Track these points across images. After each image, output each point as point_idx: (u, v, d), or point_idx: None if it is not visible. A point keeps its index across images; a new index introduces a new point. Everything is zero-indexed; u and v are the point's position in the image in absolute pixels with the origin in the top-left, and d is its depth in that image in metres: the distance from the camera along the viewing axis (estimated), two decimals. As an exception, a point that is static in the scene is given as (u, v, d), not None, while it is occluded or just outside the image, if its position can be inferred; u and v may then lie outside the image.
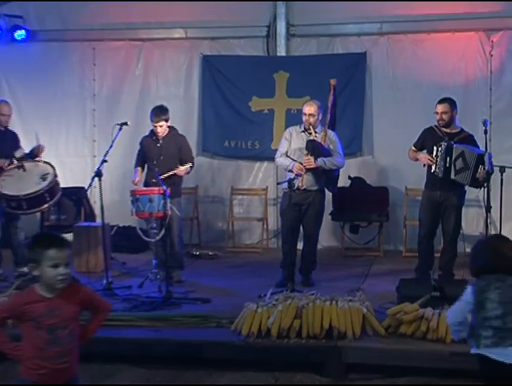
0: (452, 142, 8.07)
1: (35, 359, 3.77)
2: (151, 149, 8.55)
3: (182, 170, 8.41)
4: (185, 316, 6.83)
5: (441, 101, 8.25)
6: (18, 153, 8.79)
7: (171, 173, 8.27)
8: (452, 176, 8.04)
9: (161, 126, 8.42)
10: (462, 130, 8.31)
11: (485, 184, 7.80)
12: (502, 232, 9.83)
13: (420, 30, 10.74)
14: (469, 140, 8.23)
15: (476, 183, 8.10)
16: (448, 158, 8.01)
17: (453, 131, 8.26)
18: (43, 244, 3.77)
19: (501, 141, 10.24)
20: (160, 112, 8.47)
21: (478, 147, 8.19)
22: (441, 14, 10.54)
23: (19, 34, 11.24)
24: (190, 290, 7.99)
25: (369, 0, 10.62)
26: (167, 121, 8.49)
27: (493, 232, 9.65)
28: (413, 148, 8.50)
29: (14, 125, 9.65)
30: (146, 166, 8.68)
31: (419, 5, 10.55)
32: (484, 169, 7.94)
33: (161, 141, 8.49)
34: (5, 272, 8.91)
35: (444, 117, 8.18)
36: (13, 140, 9.08)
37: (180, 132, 8.84)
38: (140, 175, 8.65)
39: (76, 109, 11.77)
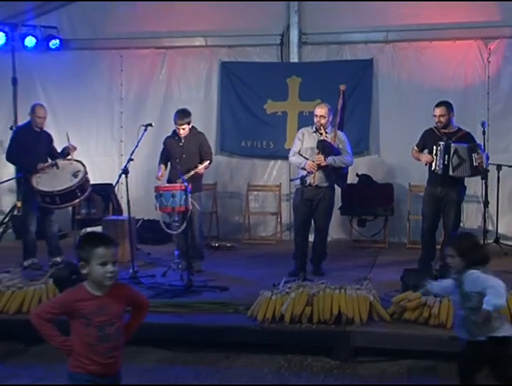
0: (450, 141, 8.05)
1: (86, 354, 3.68)
2: (174, 148, 8.54)
3: (201, 168, 8.41)
4: (205, 303, 6.85)
5: (438, 105, 8.22)
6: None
7: (192, 173, 8.27)
8: (451, 173, 8.01)
9: (184, 129, 8.43)
10: (459, 129, 8.28)
11: (484, 175, 7.71)
12: (499, 226, 9.90)
13: (423, 39, 10.71)
14: (466, 138, 8.20)
15: (476, 171, 8.07)
16: (446, 156, 7.99)
17: (451, 131, 8.22)
18: (92, 243, 3.69)
19: (497, 141, 10.23)
20: (184, 115, 8.46)
21: (476, 143, 8.14)
22: (442, 23, 10.50)
23: (54, 43, 11.29)
24: (209, 279, 8.00)
25: None
26: (189, 123, 8.49)
27: (490, 226, 9.62)
28: (415, 148, 8.47)
29: (49, 127, 9.67)
30: (169, 163, 8.69)
31: (422, 15, 10.51)
32: (478, 154, 7.92)
33: (183, 141, 8.49)
34: (40, 261, 8.96)
35: (442, 119, 8.15)
36: (47, 140, 9.15)
37: (200, 132, 8.85)
38: (163, 172, 8.66)
39: (105, 112, 11.82)
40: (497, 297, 4.27)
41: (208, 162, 8.48)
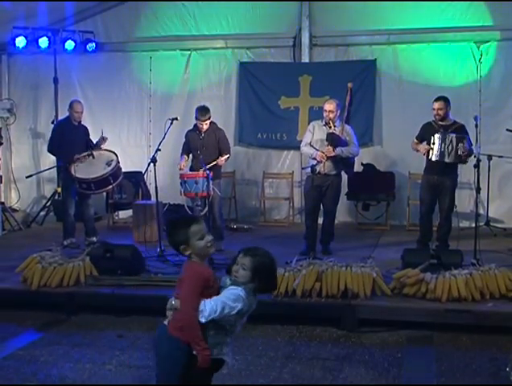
0: (446, 132, 8.00)
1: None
2: (195, 141, 8.52)
3: (222, 160, 8.42)
4: (225, 278, 6.84)
5: (437, 99, 8.19)
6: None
7: (214, 164, 8.26)
8: (446, 159, 7.96)
9: (206, 124, 8.42)
10: (455, 122, 8.23)
11: (476, 169, 7.63)
12: (489, 210, 9.86)
13: (421, 41, 10.65)
14: (461, 129, 8.15)
15: (458, 160, 7.99)
16: (443, 144, 7.94)
17: (447, 123, 8.19)
18: (185, 225, 3.61)
19: (488, 134, 10.19)
20: (205, 112, 8.44)
21: (468, 135, 8.09)
22: (439, 27, 10.49)
23: (90, 46, 11.27)
24: (229, 257, 7.95)
25: None
26: (209, 118, 8.47)
27: (481, 210, 9.57)
28: (415, 140, 8.42)
29: (85, 121, 9.67)
30: (191, 154, 8.66)
31: (421, 19, 10.48)
32: (463, 145, 7.87)
33: (203, 135, 8.47)
34: (78, 241, 9.02)
35: (440, 112, 8.12)
36: (84, 132, 9.19)
37: (220, 126, 8.81)
38: (185, 161, 8.63)
39: (136, 107, 11.80)
40: (212, 310, 3.37)
41: (227, 155, 8.50)
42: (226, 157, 8.49)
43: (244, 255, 3.56)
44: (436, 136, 7.98)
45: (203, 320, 3.37)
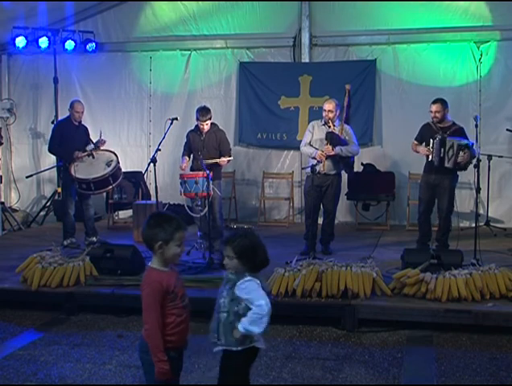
0: (445, 136, 7.97)
1: (177, 327, 3.54)
2: (196, 142, 8.49)
3: (224, 160, 8.40)
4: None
5: (434, 102, 8.14)
6: (88, 148, 8.89)
7: (214, 161, 8.25)
8: (446, 164, 7.93)
9: (207, 124, 8.38)
10: (454, 124, 8.19)
11: (476, 169, 7.63)
12: (489, 210, 9.85)
13: (421, 41, 10.65)
14: (460, 132, 8.12)
15: (457, 167, 7.97)
16: (442, 149, 7.91)
17: (446, 125, 8.14)
18: (174, 226, 3.48)
19: (488, 134, 10.24)
20: (206, 112, 8.40)
21: (467, 137, 8.07)
22: (439, 27, 10.49)
23: (90, 46, 11.28)
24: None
25: None
26: (210, 119, 8.45)
27: (481, 210, 9.58)
28: (414, 142, 8.39)
29: (85, 121, 9.67)
30: (191, 155, 8.65)
31: (420, 19, 10.49)
32: (464, 153, 7.83)
33: (204, 136, 8.43)
34: (78, 241, 9.02)
35: (438, 114, 8.08)
36: (84, 132, 9.19)
37: (221, 126, 8.77)
38: (186, 162, 8.62)
39: (136, 107, 11.80)
40: (254, 324, 3.54)
41: (230, 158, 8.50)
42: (227, 159, 8.47)
43: (225, 246, 3.62)
44: (435, 140, 7.95)
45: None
